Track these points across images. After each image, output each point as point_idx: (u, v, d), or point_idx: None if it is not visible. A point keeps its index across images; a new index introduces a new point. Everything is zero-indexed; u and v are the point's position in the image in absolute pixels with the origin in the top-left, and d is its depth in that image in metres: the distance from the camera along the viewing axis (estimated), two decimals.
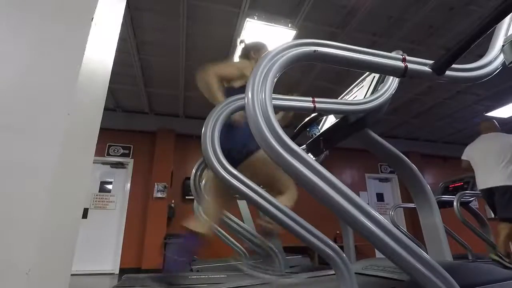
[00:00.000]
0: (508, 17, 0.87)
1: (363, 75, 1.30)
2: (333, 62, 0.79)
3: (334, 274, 1.04)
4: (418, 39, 4.03)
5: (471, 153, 3.27)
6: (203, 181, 2.15)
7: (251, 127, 0.67)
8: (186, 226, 1.56)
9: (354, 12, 3.54)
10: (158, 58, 4.40)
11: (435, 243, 1.32)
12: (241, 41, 2.22)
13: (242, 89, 0.73)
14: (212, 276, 2.40)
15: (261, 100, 0.68)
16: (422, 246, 1.85)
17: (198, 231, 1.54)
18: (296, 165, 0.66)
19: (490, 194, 2.99)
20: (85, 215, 5.15)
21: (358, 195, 0.74)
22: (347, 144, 5.47)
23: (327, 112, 1.26)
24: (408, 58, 0.83)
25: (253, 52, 2.01)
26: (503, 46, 0.90)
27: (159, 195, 5.46)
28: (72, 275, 0.79)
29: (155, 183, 5.51)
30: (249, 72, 1.80)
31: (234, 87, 1.84)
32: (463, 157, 3.32)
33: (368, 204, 0.70)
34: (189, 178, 2.18)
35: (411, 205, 3.04)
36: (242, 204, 3.27)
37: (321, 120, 1.47)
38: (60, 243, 0.73)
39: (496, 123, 3.36)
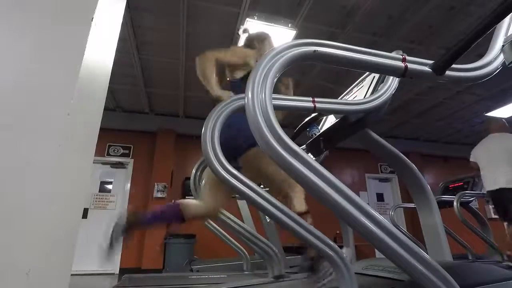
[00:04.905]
0: (508, 17, 0.87)
1: (363, 75, 1.30)
2: (333, 62, 0.79)
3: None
4: (418, 39, 4.03)
5: (477, 154, 3.27)
6: (203, 181, 2.15)
7: (251, 127, 0.67)
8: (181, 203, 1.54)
9: (354, 12, 3.54)
10: (158, 58, 4.40)
11: (435, 243, 1.33)
12: (245, 30, 2.15)
13: (245, 80, 0.72)
14: (212, 276, 2.40)
15: (261, 100, 0.68)
16: (422, 246, 1.85)
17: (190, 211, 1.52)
18: (296, 165, 0.66)
19: (498, 195, 2.99)
20: (85, 215, 5.15)
21: (358, 195, 0.74)
22: (347, 144, 5.45)
23: (327, 112, 1.26)
24: (408, 58, 0.83)
25: (257, 42, 1.97)
26: (503, 46, 0.90)
27: (159, 195, 5.46)
28: (72, 275, 0.79)
29: (155, 183, 5.51)
30: (253, 61, 1.79)
31: (237, 79, 1.80)
32: (471, 159, 3.32)
33: (368, 204, 0.70)
34: (189, 178, 2.18)
35: (411, 205, 3.04)
36: (242, 204, 3.27)
37: (321, 120, 1.47)
38: (60, 243, 0.73)
39: (505, 122, 3.34)
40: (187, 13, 3.49)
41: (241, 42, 2.12)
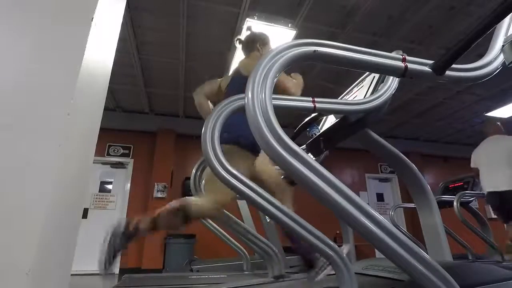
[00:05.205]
0: (508, 17, 0.87)
1: (363, 75, 1.30)
2: (333, 62, 0.79)
3: (334, 274, 1.04)
4: (418, 39, 4.03)
5: (477, 158, 3.27)
6: (203, 181, 2.15)
7: (251, 127, 0.67)
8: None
9: (354, 12, 3.54)
10: (158, 58, 4.41)
11: (435, 243, 1.33)
12: (248, 28, 2.16)
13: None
14: (212, 276, 2.40)
15: (261, 100, 0.68)
16: (422, 246, 1.85)
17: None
18: (296, 165, 0.66)
19: (498, 198, 2.98)
20: (85, 215, 5.15)
21: (358, 195, 0.74)
22: (347, 144, 5.45)
23: (327, 112, 1.26)
24: (408, 58, 0.83)
25: (259, 44, 1.97)
26: (503, 46, 0.90)
27: (159, 195, 5.46)
28: (72, 275, 0.79)
29: (155, 183, 5.51)
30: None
31: (243, 75, 1.79)
32: (472, 165, 3.32)
33: (368, 204, 0.70)
34: (189, 178, 2.18)
35: (411, 205, 3.04)
36: (242, 204, 3.27)
37: (321, 120, 1.47)
38: (60, 243, 0.73)
39: (500, 126, 3.34)
40: (187, 13, 3.49)
41: (242, 36, 2.10)
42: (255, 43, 1.98)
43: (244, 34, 2.14)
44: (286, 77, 1.72)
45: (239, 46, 2.11)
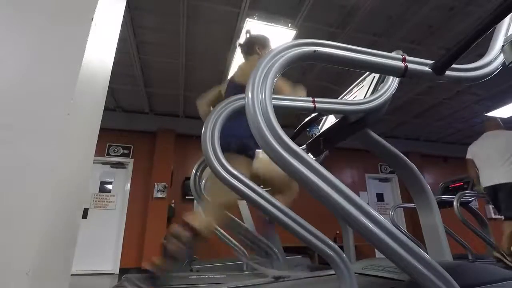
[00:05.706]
0: (508, 17, 0.87)
1: (363, 75, 1.30)
2: (333, 62, 0.79)
3: (334, 274, 1.04)
4: (418, 39, 4.03)
5: (475, 151, 3.27)
6: (203, 181, 2.15)
7: (251, 127, 0.67)
8: (185, 219, 1.55)
9: (354, 12, 3.54)
10: (158, 58, 4.41)
11: (435, 243, 1.32)
12: (247, 31, 2.15)
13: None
14: (212, 276, 2.40)
15: (261, 100, 0.68)
16: (422, 246, 1.84)
17: (195, 227, 1.53)
18: (296, 165, 0.66)
19: (494, 192, 2.99)
20: (85, 215, 5.15)
21: (358, 195, 0.74)
22: (347, 144, 5.43)
23: (327, 112, 1.25)
24: (408, 58, 0.82)
25: (258, 46, 1.97)
26: (503, 46, 0.90)
27: (159, 195, 5.46)
28: (72, 275, 0.79)
29: (155, 183, 5.51)
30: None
31: (236, 82, 1.82)
32: (467, 156, 3.31)
33: (368, 204, 0.70)
34: (189, 178, 2.18)
35: (411, 205, 3.04)
36: (242, 204, 3.27)
37: (321, 120, 1.47)
38: (60, 243, 0.73)
39: (500, 121, 3.36)
40: (187, 13, 3.49)
41: (241, 40, 2.10)
42: (254, 46, 1.97)
43: (243, 37, 2.13)
44: (284, 82, 1.72)
45: (239, 50, 2.11)
